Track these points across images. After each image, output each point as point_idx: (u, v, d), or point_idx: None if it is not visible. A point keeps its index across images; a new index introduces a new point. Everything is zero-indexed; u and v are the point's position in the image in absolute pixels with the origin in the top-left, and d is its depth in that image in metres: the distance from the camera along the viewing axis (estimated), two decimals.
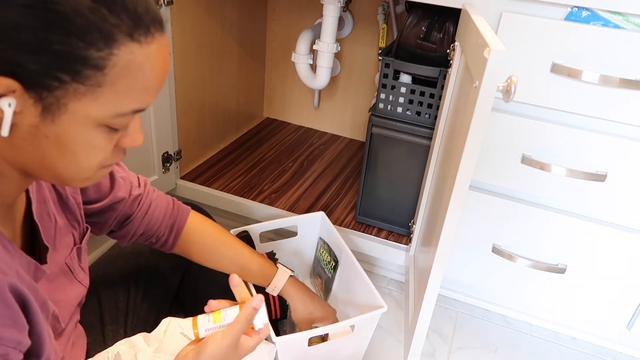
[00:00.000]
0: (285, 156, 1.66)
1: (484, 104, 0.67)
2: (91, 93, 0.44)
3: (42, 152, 0.46)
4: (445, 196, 0.81)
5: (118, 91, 0.44)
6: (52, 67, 0.42)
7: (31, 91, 0.42)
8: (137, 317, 0.88)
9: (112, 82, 0.44)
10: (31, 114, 0.43)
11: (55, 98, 0.43)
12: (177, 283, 0.98)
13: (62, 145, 0.46)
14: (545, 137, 0.98)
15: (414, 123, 1.17)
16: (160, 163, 1.33)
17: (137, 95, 0.46)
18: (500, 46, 0.65)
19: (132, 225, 0.80)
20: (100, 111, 0.45)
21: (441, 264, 0.83)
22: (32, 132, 0.44)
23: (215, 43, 1.46)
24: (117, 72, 0.44)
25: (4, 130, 0.43)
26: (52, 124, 0.44)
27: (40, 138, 0.45)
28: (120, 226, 0.79)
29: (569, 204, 1.04)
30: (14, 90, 0.42)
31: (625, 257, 1.03)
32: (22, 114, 0.43)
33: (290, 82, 1.82)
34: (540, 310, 1.24)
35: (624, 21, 0.87)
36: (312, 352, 0.94)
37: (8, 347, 0.47)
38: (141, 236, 0.82)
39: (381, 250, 1.28)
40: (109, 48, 0.42)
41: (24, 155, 0.47)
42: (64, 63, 0.42)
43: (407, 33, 1.15)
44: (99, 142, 0.47)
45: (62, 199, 0.66)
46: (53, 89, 0.42)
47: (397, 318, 1.22)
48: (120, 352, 0.70)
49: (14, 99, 0.42)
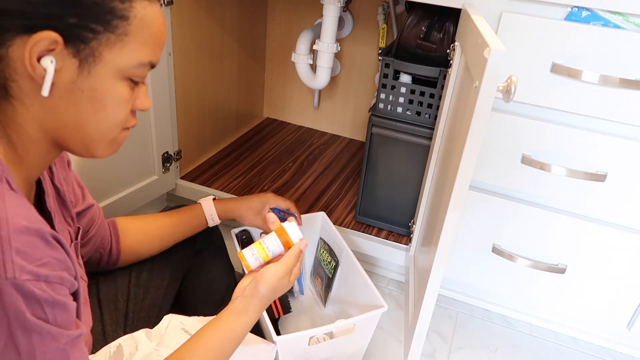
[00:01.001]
0: (285, 156, 1.66)
1: (484, 104, 0.67)
2: (120, 42, 0.50)
3: (76, 110, 0.51)
4: (445, 196, 0.81)
5: (139, 41, 0.51)
6: (87, 19, 0.47)
7: (70, 45, 0.48)
8: (137, 317, 0.88)
9: (135, 32, 0.51)
10: (69, 69, 0.49)
11: (90, 49, 0.49)
12: (177, 285, 0.98)
13: (95, 99, 0.51)
14: (545, 137, 0.98)
15: (414, 123, 1.17)
16: (160, 163, 1.33)
17: (152, 46, 0.53)
18: (500, 46, 0.65)
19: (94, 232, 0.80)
20: (127, 60, 0.51)
21: (441, 264, 0.83)
22: (69, 88, 0.49)
23: (215, 43, 1.46)
24: (137, 23, 0.50)
25: (45, 89, 0.48)
26: (88, 76, 0.50)
27: (77, 94, 0.50)
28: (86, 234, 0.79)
29: (569, 204, 1.04)
30: (55, 47, 0.47)
31: (625, 257, 1.03)
32: (62, 71, 0.48)
33: (290, 82, 1.82)
34: (540, 310, 1.24)
35: (624, 21, 0.87)
36: (312, 351, 0.94)
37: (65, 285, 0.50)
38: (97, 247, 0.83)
39: (381, 250, 1.28)
40: (129, 1, 0.50)
41: (60, 118, 0.51)
42: (96, 14, 0.48)
43: (407, 33, 1.15)
44: (125, 94, 0.53)
45: (60, 195, 0.66)
46: (88, 41, 0.48)
47: (397, 318, 1.22)
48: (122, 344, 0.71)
49: (54, 56, 0.47)
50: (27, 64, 0.47)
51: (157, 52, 0.54)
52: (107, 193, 1.19)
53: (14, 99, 0.49)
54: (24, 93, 0.49)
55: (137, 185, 1.27)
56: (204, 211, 0.99)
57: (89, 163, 1.08)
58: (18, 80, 0.48)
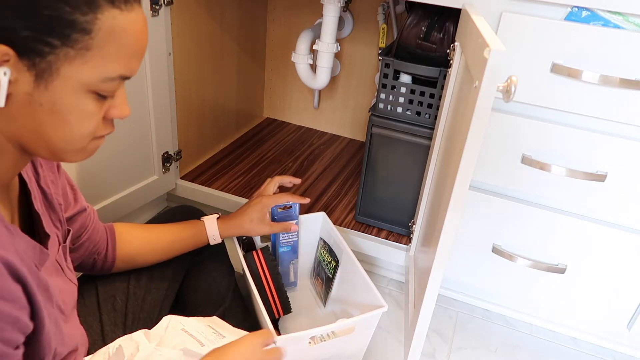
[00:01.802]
0: (285, 156, 1.66)
1: (484, 104, 0.67)
2: (80, 57, 0.46)
3: (37, 122, 0.48)
4: (445, 196, 0.81)
5: (105, 55, 0.47)
6: (43, 32, 0.44)
7: (24, 58, 0.44)
8: (137, 318, 0.88)
9: (99, 45, 0.47)
10: (25, 81, 0.46)
11: (47, 63, 0.45)
12: (177, 286, 0.98)
13: (55, 112, 0.48)
14: (545, 137, 0.98)
15: (414, 123, 1.17)
16: (160, 163, 1.33)
17: (122, 59, 0.49)
18: (500, 46, 0.65)
19: (87, 237, 0.80)
20: (90, 75, 0.47)
21: (441, 264, 0.83)
22: (26, 100, 0.47)
23: (215, 43, 1.46)
24: (102, 35, 0.46)
25: (0, 99, 0.45)
26: (45, 90, 0.46)
27: (35, 106, 0.47)
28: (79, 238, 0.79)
29: (569, 204, 1.04)
30: (9, 59, 0.44)
31: (625, 257, 1.03)
32: (17, 82, 0.45)
33: (290, 82, 1.82)
34: (540, 310, 1.24)
35: (624, 21, 0.87)
36: (312, 351, 0.94)
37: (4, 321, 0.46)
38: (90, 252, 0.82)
39: (381, 250, 1.28)
40: (94, 12, 0.45)
41: (20, 127, 0.49)
42: (53, 27, 0.44)
43: (407, 33, 1.15)
44: (90, 109, 0.50)
45: (47, 197, 0.66)
46: (45, 54, 0.45)
47: (397, 318, 1.22)
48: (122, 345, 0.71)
49: (8, 68, 0.44)
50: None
51: (131, 63, 0.50)
52: (107, 193, 1.19)
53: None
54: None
55: (137, 185, 1.27)
56: (207, 230, 0.98)
57: (89, 163, 1.08)
58: None
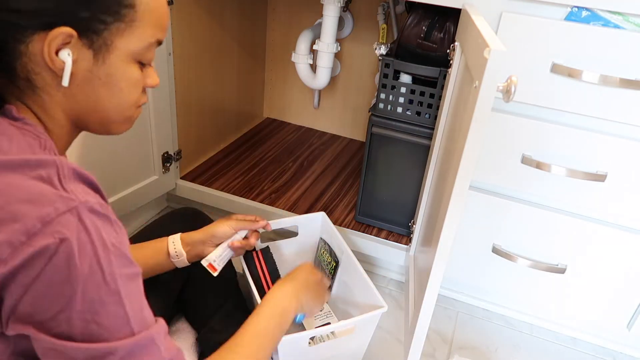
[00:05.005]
0: (285, 156, 1.66)
1: (484, 104, 0.67)
2: (129, 28, 0.54)
3: (95, 95, 0.56)
4: (445, 196, 0.81)
5: (146, 23, 0.55)
6: (98, 12, 0.51)
7: (84, 38, 0.51)
8: None
9: (141, 17, 0.54)
10: (85, 59, 0.53)
11: (103, 39, 0.53)
12: (178, 288, 0.98)
13: (111, 83, 0.56)
14: (545, 137, 0.98)
15: (414, 123, 1.17)
16: (160, 163, 1.33)
17: (157, 25, 0.57)
18: (500, 46, 0.65)
19: None
20: (137, 43, 0.55)
21: (441, 264, 0.83)
22: (86, 77, 0.54)
23: (215, 43, 1.46)
24: (143, 8, 0.54)
25: (65, 79, 0.52)
26: (103, 64, 0.54)
27: (94, 80, 0.55)
28: None
29: (569, 204, 1.04)
30: (70, 40, 0.51)
31: (625, 257, 1.03)
32: (78, 62, 0.52)
33: (290, 82, 1.82)
34: (540, 310, 1.24)
35: (624, 21, 0.87)
36: (312, 352, 0.94)
37: None
38: None
39: (381, 250, 1.28)
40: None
41: (80, 102, 0.56)
42: (106, 7, 0.51)
43: (407, 33, 1.15)
44: (136, 76, 0.58)
45: None
46: (100, 31, 0.52)
47: (397, 318, 1.22)
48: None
49: (70, 49, 0.51)
50: (46, 58, 0.50)
51: (163, 29, 0.58)
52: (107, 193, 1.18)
53: (40, 90, 0.54)
54: (47, 84, 0.53)
55: (137, 186, 1.27)
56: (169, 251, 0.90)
57: (89, 163, 1.08)
58: (40, 72, 0.52)
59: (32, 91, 0.54)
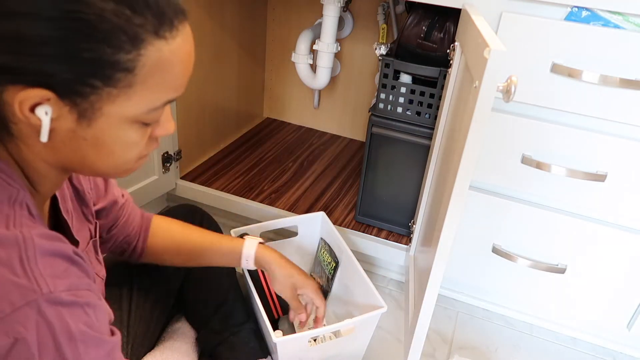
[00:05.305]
0: (285, 156, 1.66)
1: (484, 104, 0.67)
2: (124, 94, 0.44)
3: (81, 154, 0.48)
4: (445, 196, 0.81)
5: (149, 88, 0.45)
6: (84, 75, 0.42)
7: (65, 99, 0.43)
8: (139, 316, 0.88)
9: (143, 81, 0.44)
10: (68, 119, 0.44)
11: (89, 103, 0.44)
12: (178, 284, 0.98)
13: (99, 146, 0.47)
14: (545, 137, 0.98)
15: (414, 123, 1.17)
16: (160, 163, 1.33)
17: (168, 88, 0.47)
18: (500, 46, 0.65)
19: (117, 230, 0.81)
20: (134, 109, 0.46)
21: (441, 264, 0.83)
22: (70, 135, 0.46)
23: (215, 43, 1.46)
24: (146, 71, 0.44)
25: (43, 136, 0.44)
26: (88, 127, 0.45)
27: (79, 141, 0.46)
28: (108, 231, 0.80)
29: (569, 204, 1.04)
30: (49, 99, 0.42)
31: (625, 257, 1.03)
32: (59, 119, 0.44)
33: (290, 82, 1.82)
34: (540, 310, 1.24)
35: (624, 21, 0.87)
36: (312, 352, 0.94)
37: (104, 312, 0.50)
38: (120, 243, 0.83)
39: (381, 250, 1.28)
40: (137, 49, 0.42)
41: (64, 157, 0.48)
42: (94, 70, 0.42)
43: (407, 33, 1.15)
44: (134, 138, 0.48)
45: (79, 194, 0.67)
46: (86, 95, 0.43)
47: (397, 318, 1.22)
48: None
49: (49, 106, 0.43)
50: (18, 115, 0.43)
51: (177, 89, 0.48)
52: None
53: (17, 140, 0.47)
54: (25, 135, 0.46)
55: (137, 185, 1.27)
56: (242, 251, 0.90)
57: None
58: (17, 123, 0.45)
59: (9, 138, 0.47)
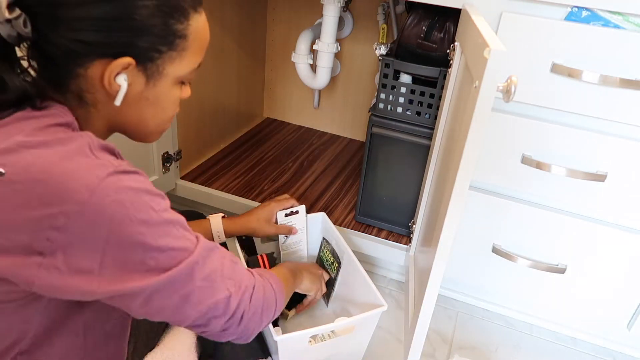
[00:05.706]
0: (285, 156, 1.66)
1: (484, 104, 0.67)
2: (179, 57, 0.59)
3: (140, 112, 0.61)
4: (445, 196, 0.81)
5: (193, 51, 0.60)
6: (156, 42, 0.55)
7: (140, 65, 0.56)
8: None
9: (191, 45, 0.59)
10: (138, 83, 0.58)
11: (156, 66, 0.57)
12: None
13: (157, 104, 0.61)
14: (545, 137, 0.98)
15: (414, 123, 1.17)
16: (160, 163, 1.33)
17: (202, 51, 0.62)
18: (500, 46, 0.65)
19: None
20: (184, 69, 0.60)
21: (441, 264, 0.83)
22: (136, 98, 0.59)
23: (215, 43, 1.46)
24: (193, 37, 0.59)
25: (118, 100, 0.57)
26: (153, 87, 0.59)
27: (142, 101, 0.60)
28: None
29: (569, 204, 1.04)
30: (128, 67, 0.55)
31: (626, 257, 1.03)
32: (132, 85, 0.57)
33: (290, 82, 1.82)
34: (540, 310, 1.24)
35: (624, 21, 0.87)
36: (312, 351, 0.94)
37: None
38: None
39: (381, 250, 1.28)
40: (187, 20, 0.57)
41: (125, 117, 0.61)
42: (162, 38, 0.56)
43: (407, 33, 1.15)
44: (177, 95, 0.64)
45: None
46: (155, 59, 0.57)
47: (397, 318, 1.22)
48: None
49: (126, 74, 0.55)
50: (105, 82, 0.55)
51: (204, 52, 0.63)
52: None
53: (88, 106, 0.58)
54: (99, 102, 0.58)
55: None
56: (211, 228, 1.02)
57: None
58: (94, 92, 0.57)
59: (78, 104, 0.57)
